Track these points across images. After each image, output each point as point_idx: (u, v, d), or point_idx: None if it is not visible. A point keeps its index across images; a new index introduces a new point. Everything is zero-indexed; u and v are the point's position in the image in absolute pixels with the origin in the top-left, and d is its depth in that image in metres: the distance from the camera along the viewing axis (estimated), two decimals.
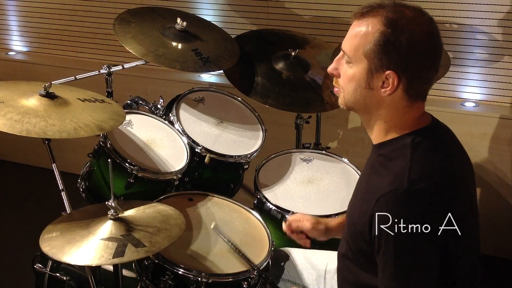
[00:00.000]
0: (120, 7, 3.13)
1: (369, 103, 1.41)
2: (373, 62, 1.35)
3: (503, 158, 2.89)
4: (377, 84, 1.37)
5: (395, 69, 1.34)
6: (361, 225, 1.39)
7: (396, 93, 1.37)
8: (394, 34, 1.32)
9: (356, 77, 1.39)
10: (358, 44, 1.36)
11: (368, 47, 1.34)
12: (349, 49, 1.39)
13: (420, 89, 1.39)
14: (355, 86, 1.40)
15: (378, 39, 1.33)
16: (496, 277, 2.84)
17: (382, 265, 1.35)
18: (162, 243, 1.67)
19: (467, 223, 1.40)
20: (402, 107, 1.39)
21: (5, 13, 3.82)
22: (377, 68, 1.35)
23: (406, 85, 1.36)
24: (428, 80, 1.39)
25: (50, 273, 2.09)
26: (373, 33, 1.34)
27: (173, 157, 2.27)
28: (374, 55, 1.34)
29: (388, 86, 1.36)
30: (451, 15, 2.87)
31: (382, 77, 1.36)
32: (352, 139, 3.16)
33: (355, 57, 1.38)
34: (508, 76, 2.90)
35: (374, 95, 1.39)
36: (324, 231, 1.82)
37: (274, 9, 3.19)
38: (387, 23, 1.33)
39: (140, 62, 2.51)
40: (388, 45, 1.32)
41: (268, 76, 2.57)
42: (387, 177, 1.35)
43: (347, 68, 1.41)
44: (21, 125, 1.78)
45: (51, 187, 2.14)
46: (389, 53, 1.33)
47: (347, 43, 1.40)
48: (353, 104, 1.44)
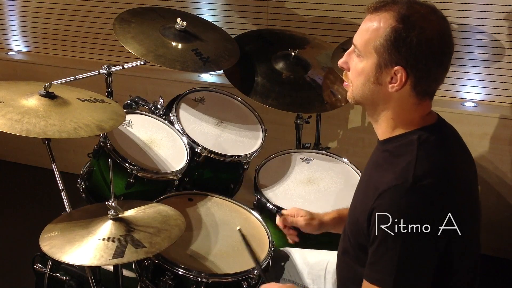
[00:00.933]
0: (120, 7, 3.13)
1: (376, 98, 1.41)
2: (383, 57, 1.35)
3: (503, 158, 2.89)
4: (385, 80, 1.37)
5: (404, 65, 1.34)
6: (362, 219, 1.39)
7: (403, 89, 1.37)
8: (405, 30, 1.32)
9: (365, 71, 1.39)
10: (369, 38, 1.36)
11: (379, 41, 1.34)
12: (360, 43, 1.39)
13: (428, 87, 1.39)
14: (364, 80, 1.40)
15: (389, 34, 1.33)
16: (496, 277, 2.84)
17: (374, 258, 1.35)
18: (162, 244, 1.67)
19: (468, 224, 1.39)
20: (409, 104, 1.39)
21: (5, 13, 3.82)
22: (386, 63, 1.35)
23: (414, 82, 1.36)
24: (437, 79, 1.39)
25: (50, 273, 2.09)
26: (384, 28, 1.34)
27: (173, 157, 2.27)
28: (384, 50, 1.34)
29: (396, 82, 1.36)
30: (451, 15, 2.87)
31: (391, 73, 1.36)
32: (352, 139, 3.16)
33: (365, 51, 1.38)
34: (508, 76, 2.90)
35: (382, 91, 1.39)
36: (318, 226, 1.82)
37: (274, 9, 3.19)
38: (399, 19, 1.33)
39: (140, 62, 2.51)
40: (398, 40, 1.32)
41: (268, 76, 2.57)
42: (391, 172, 1.34)
43: (357, 62, 1.41)
44: (21, 125, 1.78)
45: (51, 187, 2.14)
46: (399, 49, 1.33)
47: (358, 36, 1.40)
48: (361, 98, 1.44)
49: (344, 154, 2.61)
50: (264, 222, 2.12)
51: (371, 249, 1.36)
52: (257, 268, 1.86)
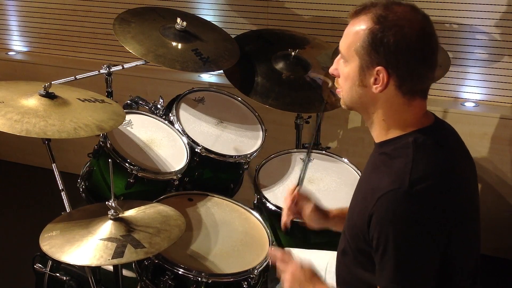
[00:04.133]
0: (120, 7, 3.13)
1: (365, 101, 1.42)
2: (364, 59, 1.36)
3: (503, 158, 2.89)
4: (369, 81, 1.38)
5: (384, 65, 1.34)
6: (360, 223, 1.39)
7: (388, 90, 1.37)
8: (382, 30, 1.33)
9: (350, 75, 1.41)
10: (350, 42, 1.38)
11: (359, 44, 1.36)
12: (343, 48, 1.42)
13: (414, 86, 1.38)
14: (350, 84, 1.42)
15: (367, 35, 1.34)
16: (496, 277, 2.84)
17: (380, 265, 1.35)
18: (162, 244, 1.67)
19: (468, 224, 1.40)
20: (398, 104, 1.39)
21: (5, 13, 3.82)
22: (368, 65, 1.36)
23: (398, 82, 1.36)
24: (422, 77, 1.38)
25: (50, 273, 2.09)
26: (363, 30, 1.35)
27: (173, 157, 2.27)
28: (364, 52, 1.36)
29: (379, 82, 1.37)
30: (451, 15, 2.87)
31: (373, 74, 1.37)
32: (352, 139, 3.16)
33: (348, 56, 1.40)
34: (508, 76, 2.90)
35: (368, 93, 1.40)
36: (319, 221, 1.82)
37: (274, 9, 3.19)
38: (376, 20, 1.34)
39: (140, 62, 2.51)
40: (376, 41, 1.33)
41: (268, 76, 2.57)
42: (388, 176, 1.34)
43: (343, 67, 1.43)
44: (21, 125, 1.78)
45: (51, 187, 2.14)
46: (378, 49, 1.34)
47: (342, 42, 1.43)
48: (350, 103, 1.46)
49: (344, 154, 2.61)
50: (264, 222, 2.12)
51: (376, 256, 1.36)
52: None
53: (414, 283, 1.33)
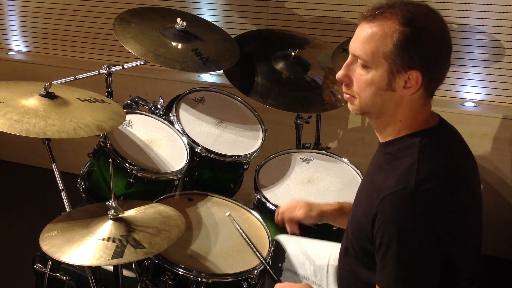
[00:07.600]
0: (120, 7, 3.13)
1: (387, 105, 1.39)
2: (395, 63, 1.33)
3: (503, 158, 2.89)
4: (399, 85, 1.36)
5: (418, 67, 1.33)
6: (364, 223, 1.39)
7: (417, 92, 1.37)
8: (413, 32, 1.31)
9: (375, 80, 1.37)
10: (375, 46, 1.34)
11: (388, 48, 1.33)
12: (364, 53, 1.36)
13: (436, 86, 1.40)
14: (374, 89, 1.38)
15: (398, 39, 1.32)
16: (496, 277, 2.84)
17: (381, 263, 1.35)
18: (162, 244, 1.67)
19: (470, 225, 1.40)
20: (419, 105, 1.39)
21: (5, 13, 3.82)
22: (399, 68, 1.34)
23: (426, 83, 1.36)
24: (443, 77, 1.40)
25: (50, 273, 2.09)
26: (391, 34, 1.32)
27: (173, 157, 2.27)
28: (395, 56, 1.33)
29: (410, 85, 1.35)
30: (451, 15, 2.87)
31: (405, 77, 1.34)
32: (352, 139, 3.16)
33: (373, 61, 1.35)
34: (508, 76, 2.90)
35: (395, 96, 1.38)
36: (318, 217, 1.81)
37: (274, 9, 3.19)
38: (405, 23, 1.32)
39: (140, 62, 2.51)
40: (409, 44, 1.32)
41: (268, 76, 2.57)
42: (393, 176, 1.34)
43: (362, 73, 1.38)
44: (20, 125, 1.78)
45: (51, 187, 2.14)
46: (410, 52, 1.32)
47: (360, 47, 1.37)
48: (370, 108, 1.42)
49: (344, 154, 2.61)
50: (264, 222, 2.12)
51: (377, 255, 1.36)
52: (263, 263, 1.88)
53: (417, 283, 1.33)
